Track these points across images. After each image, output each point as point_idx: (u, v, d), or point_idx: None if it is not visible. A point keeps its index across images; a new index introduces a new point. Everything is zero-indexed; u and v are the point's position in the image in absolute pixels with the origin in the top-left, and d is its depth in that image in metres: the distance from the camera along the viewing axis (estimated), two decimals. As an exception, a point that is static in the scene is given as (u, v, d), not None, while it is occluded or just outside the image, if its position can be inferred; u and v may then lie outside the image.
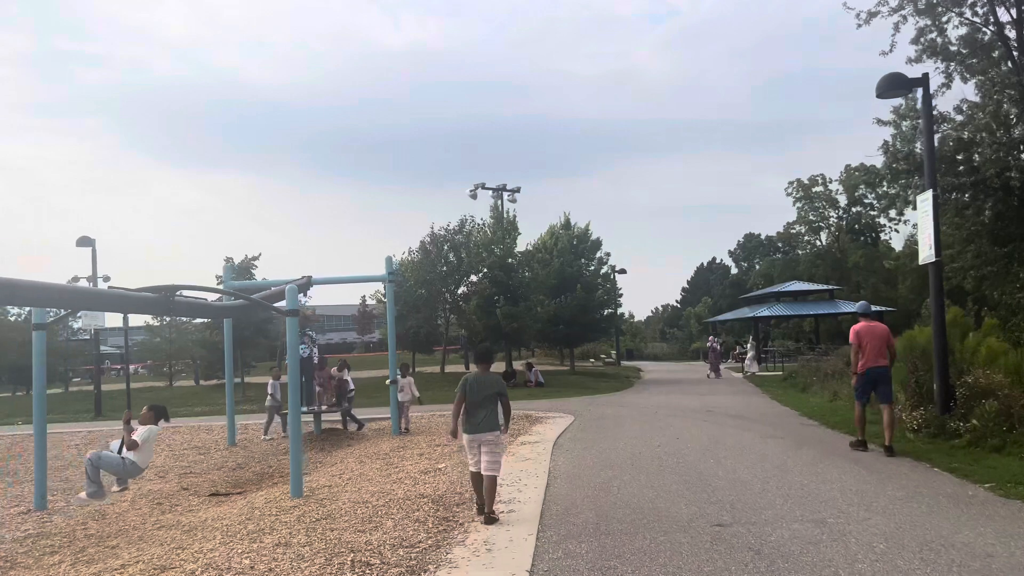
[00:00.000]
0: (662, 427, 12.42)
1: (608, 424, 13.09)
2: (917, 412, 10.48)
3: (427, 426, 13.91)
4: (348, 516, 6.80)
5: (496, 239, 26.00)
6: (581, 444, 10.62)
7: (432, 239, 27.03)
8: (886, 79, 10.17)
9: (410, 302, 26.16)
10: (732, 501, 6.71)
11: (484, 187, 31.59)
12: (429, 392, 22.21)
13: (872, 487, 7.15)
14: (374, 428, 14.38)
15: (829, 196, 59.62)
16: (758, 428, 12.08)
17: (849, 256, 55.47)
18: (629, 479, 7.92)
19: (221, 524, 6.98)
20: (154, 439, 8.59)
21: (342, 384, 13.70)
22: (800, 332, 53.74)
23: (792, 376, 24.39)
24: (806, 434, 11.30)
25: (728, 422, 13.07)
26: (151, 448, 8.61)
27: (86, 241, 20.85)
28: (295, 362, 8.21)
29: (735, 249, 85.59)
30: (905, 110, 19.63)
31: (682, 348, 62.02)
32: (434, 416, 15.46)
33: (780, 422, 12.99)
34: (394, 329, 13.37)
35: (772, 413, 14.65)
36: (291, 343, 8.17)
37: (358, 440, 13.10)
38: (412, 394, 13.28)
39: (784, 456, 9.12)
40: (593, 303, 28.67)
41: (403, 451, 11.15)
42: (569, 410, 15.76)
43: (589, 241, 29.87)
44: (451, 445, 11.24)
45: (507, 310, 24.55)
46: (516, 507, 6.87)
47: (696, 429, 12.06)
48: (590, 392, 21.85)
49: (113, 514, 8.50)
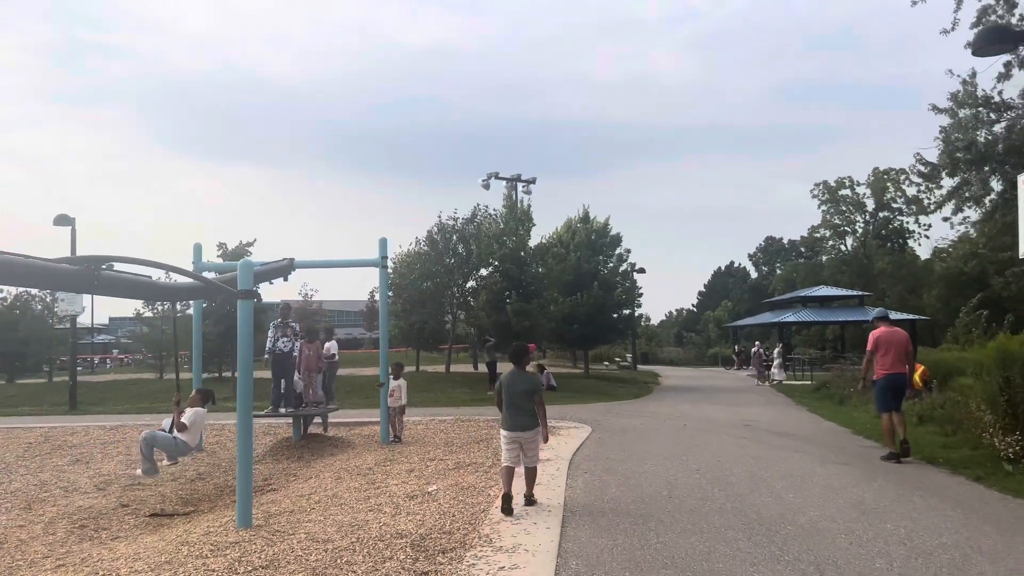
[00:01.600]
0: (696, 445, 10.60)
1: (632, 439, 11.28)
2: (1012, 437, 8.62)
3: (423, 435, 12.16)
4: (296, 565, 5.07)
5: (509, 230, 24.19)
6: (602, 465, 8.82)
7: (440, 229, 25.30)
8: (988, 31, 8.29)
9: (415, 296, 24.44)
10: (816, 562, 4.92)
11: (498, 177, 29.84)
12: (431, 394, 20.49)
13: (994, 541, 5.32)
14: (363, 435, 12.64)
15: (856, 200, 57.40)
16: (811, 450, 10.24)
17: (875, 262, 53.20)
18: (669, 521, 6.12)
19: (129, 570, 5.26)
20: (203, 421, 9.46)
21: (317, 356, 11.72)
22: (822, 339, 51.63)
23: (825, 386, 22.47)
24: (870, 458, 9.46)
25: (772, 440, 11.23)
26: (199, 429, 9.33)
27: (64, 220, 19.28)
28: (247, 354, 6.47)
29: (755, 253, 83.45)
30: (963, 96, 17.65)
31: (699, 353, 59.90)
32: (432, 422, 13.71)
33: (833, 442, 11.14)
34: (387, 322, 11.60)
35: (820, 430, 12.78)
36: (242, 331, 6.45)
37: (342, 448, 11.38)
38: (402, 400, 11.54)
39: (859, 490, 7.29)
40: (611, 302, 26.79)
41: (390, 466, 9.41)
42: (585, 419, 13.96)
43: (608, 236, 28.00)
44: (446, 460, 9.50)
45: (518, 307, 22.75)
46: (520, 559, 5.10)
47: (737, 448, 10.23)
48: (607, 398, 20.02)
49: (15, 541, 6.82)
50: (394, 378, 11.52)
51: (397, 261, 25.67)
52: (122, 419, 16.70)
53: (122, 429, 14.44)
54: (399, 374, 11.59)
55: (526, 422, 6.69)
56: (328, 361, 12.02)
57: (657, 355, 57.45)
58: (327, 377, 11.94)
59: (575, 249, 27.00)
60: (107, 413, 18.85)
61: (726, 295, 78.40)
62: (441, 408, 17.13)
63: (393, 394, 11.40)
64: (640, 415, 15.19)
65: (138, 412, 18.76)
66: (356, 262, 11.78)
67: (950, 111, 18.03)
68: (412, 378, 25.19)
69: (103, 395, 23.57)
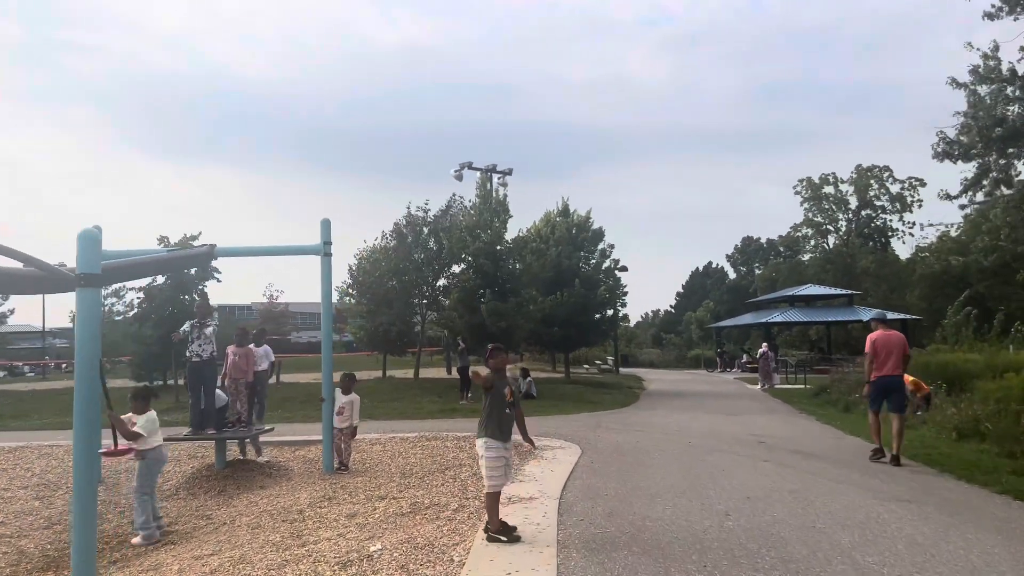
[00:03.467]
0: (711, 472, 8.62)
1: (631, 464, 9.27)
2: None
3: (377, 460, 10.04)
4: None
5: (483, 222, 22.08)
6: (602, 507, 6.80)
7: (409, 221, 23.14)
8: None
9: (380, 295, 22.24)
10: None
11: (471, 167, 27.73)
12: (398, 404, 18.33)
13: None
14: (307, 458, 10.47)
15: (840, 197, 56.24)
16: (852, 477, 8.31)
17: (858, 261, 51.99)
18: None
19: None
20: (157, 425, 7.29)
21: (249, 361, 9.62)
22: (805, 340, 50.28)
23: (826, 391, 20.74)
24: (931, 489, 7.56)
25: (798, 464, 9.30)
26: (157, 433, 7.28)
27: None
28: (88, 359, 4.34)
29: (733, 253, 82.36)
30: (985, 71, 15.95)
31: (679, 355, 58.29)
32: (391, 442, 11.61)
33: (869, 464, 9.22)
34: (330, 322, 9.42)
35: (845, 448, 10.89)
36: (81, 330, 4.34)
37: (275, 480, 9.21)
38: (353, 420, 9.45)
39: (954, 547, 5.35)
40: (594, 301, 24.79)
41: (327, 507, 7.32)
42: (572, 435, 11.94)
43: (590, 231, 26.02)
44: (400, 500, 7.42)
45: (493, 306, 20.67)
46: None
47: (762, 477, 8.27)
48: (592, 407, 18.01)
49: None
50: (343, 393, 9.39)
51: (361, 257, 23.49)
52: (34, 437, 14.26)
53: (21, 452, 12.05)
54: (350, 388, 9.45)
55: (509, 430, 5.83)
56: (259, 372, 9.84)
57: (637, 357, 55.74)
58: (258, 391, 9.76)
59: (555, 244, 24.99)
60: (25, 430, 16.34)
61: (705, 296, 77.10)
62: (406, 422, 15.02)
63: (342, 412, 9.28)
64: (633, 428, 13.21)
65: (64, 428, 16.30)
66: (294, 249, 9.62)
67: (968, 86, 16.33)
68: (378, 386, 22.97)
69: (29, 406, 21.00)
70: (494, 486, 5.69)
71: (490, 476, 5.69)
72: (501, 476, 5.75)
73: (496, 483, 5.71)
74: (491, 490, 5.69)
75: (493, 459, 5.69)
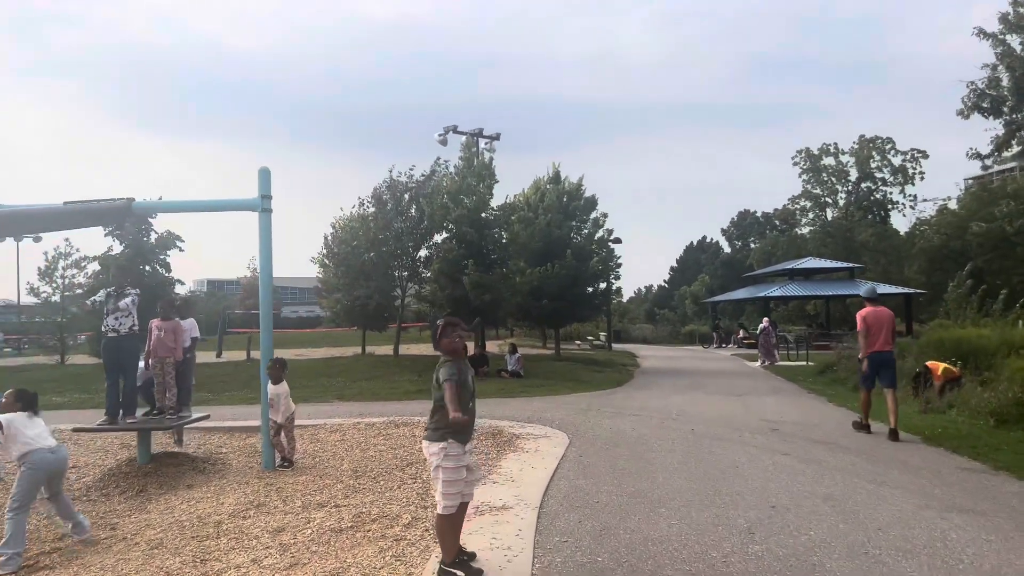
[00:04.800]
0: (723, 470, 7.23)
1: (627, 459, 7.87)
2: None
3: (330, 452, 8.62)
4: None
5: (466, 187, 20.49)
6: (592, 523, 5.39)
7: (390, 187, 21.51)
8: None
9: (355, 266, 20.67)
10: None
11: (456, 131, 26.02)
12: (373, 383, 16.93)
13: None
14: (250, 449, 9.04)
15: (840, 169, 54.71)
16: (894, 477, 6.93)
17: (857, 234, 50.63)
18: None
19: None
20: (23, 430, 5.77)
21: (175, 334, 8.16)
22: (802, 315, 49.08)
23: (831, 368, 19.46)
24: (997, 495, 6.20)
25: (827, 459, 7.92)
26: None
27: None
28: None
29: (728, 227, 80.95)
30: (1016, 18, 14.42)
31: (673, 331, 57.04)
32: (354, 429, 10.17)
33: (910, 459, 7.86)
34: (270, 284, 7.87)
35: (872, 436, 9.51)
36: None
37: (207, 476, 7.78)
38: (290, 409, 8.00)
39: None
40: (586, 274, 23.30)
41: (251, 519, 5.91)
42: (559, 421, 10.55)
43: (582, 199, 24.43)
44: (342, 509, 6.00)
45: (477, 278, 19.17)
46: None
47: (785, 478, 6.89)
48: (583, 387, 16.62)
49: None
50: (273, 383, 7.91)
51: (338, 226, 21.90)
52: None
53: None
54: (279, 377, 7.95)
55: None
56: (185, 349, 8.34)
57: (630, 333, 54.46)
58: (183, 372, 8.28)
59: (544, 212, 23.42)
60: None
61: (699, 270, 75.76)
62: (380, 403, 13.62)
63: (272, 405, 7.81)
64: (629, 413, 11.82)
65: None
66: (227, 204, 8.09)
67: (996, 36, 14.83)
68: (356, 362, 21.52)
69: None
70: (450, 507, 4.25)
71: (446, 494, 4.24)
72: (459, 493, 4.32)
73: (453, 502, 4.27)
74: (446, 512, 4.26)
75: (452, 470, 4.25)
